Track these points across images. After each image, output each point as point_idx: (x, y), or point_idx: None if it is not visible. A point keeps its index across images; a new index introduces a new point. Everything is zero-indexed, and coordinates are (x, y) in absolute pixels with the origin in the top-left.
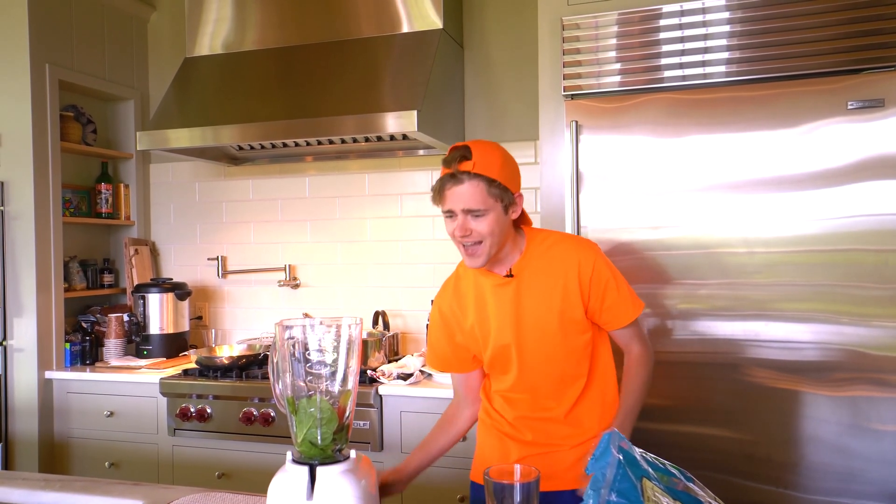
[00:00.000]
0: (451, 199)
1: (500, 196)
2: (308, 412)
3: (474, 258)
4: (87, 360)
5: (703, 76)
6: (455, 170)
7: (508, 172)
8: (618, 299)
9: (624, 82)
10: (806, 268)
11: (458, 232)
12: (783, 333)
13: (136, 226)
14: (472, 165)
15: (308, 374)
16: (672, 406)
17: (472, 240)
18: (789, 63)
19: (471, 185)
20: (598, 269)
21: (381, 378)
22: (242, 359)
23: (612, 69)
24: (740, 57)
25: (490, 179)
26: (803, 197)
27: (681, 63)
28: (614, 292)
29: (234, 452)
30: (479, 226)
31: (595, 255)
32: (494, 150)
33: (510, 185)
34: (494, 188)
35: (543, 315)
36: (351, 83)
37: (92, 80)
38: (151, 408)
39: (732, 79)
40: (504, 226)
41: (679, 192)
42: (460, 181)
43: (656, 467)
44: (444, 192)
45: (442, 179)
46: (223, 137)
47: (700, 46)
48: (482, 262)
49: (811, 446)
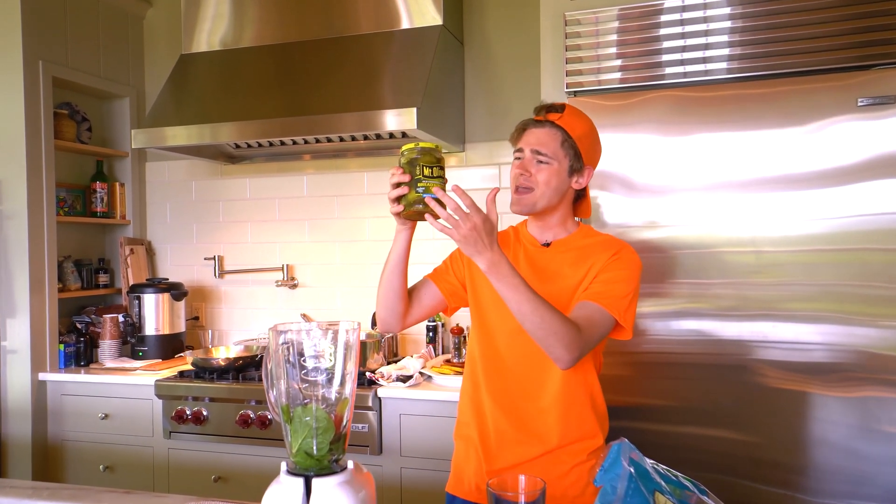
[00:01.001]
0: (526, 139)
1: (571, 156)
2: (303, 421)
3: (520, 203)
4: (81, 362)
5: (709, 72)
6: (543, 116)
7: (589, 142)
8: (612, 282)
9: (628, 79)
10: (814, 267)
11: (518, 170)
12: (791, 334)
13: (131, 225)
14: (559, 118)
15: (303, 382)
16: (677, 407)
17: (525, 182)
18: (797, 59)
19: (549, 132)
20: (619, 258)
21: (380, 380)
22: (239, 360)
23: (615, 65)
24: (746, 53)
25: (568, 135)
26: (812, 196)
27: (686, 59)
28: (614, 279)
29: (231, 456)
30: (539, 172)
31: (633, 255)
32: (585, 119)
33: (586, 153)
34: (569, 145)
35: (558, 294)
36: (350, 80)
37: (86, 78)
38: (147, 410)
39: (738, 75)
40: (562, 185)
41: (685, 190)
42: (542, 125)
43: (669, 479)
44: (524, 132)
45: (526, 121)
46: (220, 135)
47: (704, 42)
48: (526, 208)
49: (820, 448)
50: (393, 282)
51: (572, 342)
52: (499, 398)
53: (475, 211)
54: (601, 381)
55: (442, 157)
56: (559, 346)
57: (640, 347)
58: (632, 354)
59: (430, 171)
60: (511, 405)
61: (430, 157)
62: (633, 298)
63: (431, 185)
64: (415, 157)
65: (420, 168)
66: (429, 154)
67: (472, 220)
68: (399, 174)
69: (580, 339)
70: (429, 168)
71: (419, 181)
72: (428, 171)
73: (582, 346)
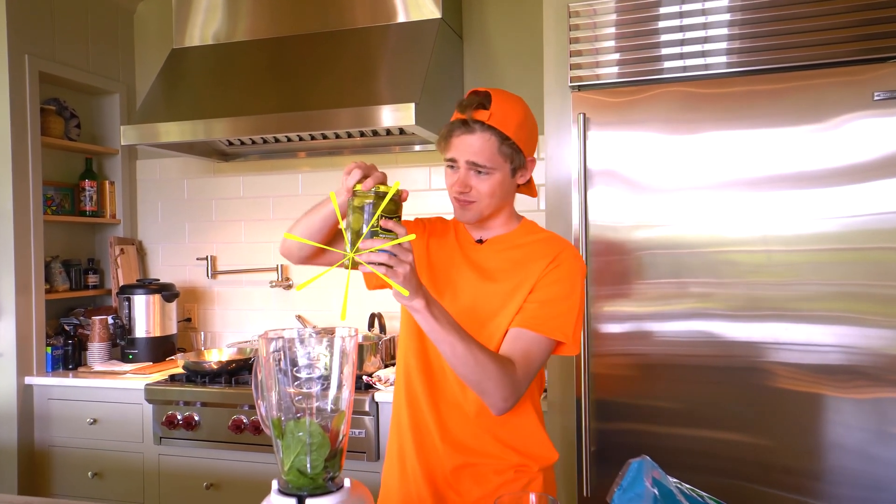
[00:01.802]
0: (458, 148)
1: (511, 156)
2: (296, 436)
3: (466, 211)
4: (69, 365)
5: (716, 65)
6: (469, 117)
7: (526, 132)
8: (550, 301)
9: (634, 72)
10: (828, 267)
11: (457, 187)
12: (804, 336)
13: (121, 224)
14: (489, 116)
15: (297, 393)
16: (685, 409)
17: (469, 198)
18: (808, 52)
19: (482, 138)
20: (559, 266)
21: (378, 384)
22: (232, 363)
23: (621, 59)
24: (756, 46)
25: (504, 136)
26: (825, 194)
27: (694, 52)
28: (548, 294)
29: (223, 462)
30: (480, 184)
31: (576, 260)
32: (516, 104)
33: (525, 146)
34: (507, 146)
35: (490, 296)
36: (346, 75)
37: (75, 73)
38: (137, 415)
39: (748, 69)
40: (507, 189)
41: (692, 189)
42: (471, 130)
43: (694, 500)
44: (452, 139)
45: (452, 124)
46: (213, 131)
47: (713, 34)
48: (473, 217)
49: (834, 452)
50: (313, 229)
51: (507, 387)
52: (426, 402)
53: (406, 251)
54: (606, 382)
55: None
56: (495, 394)
57: (647, 348)
58: (638, 356)
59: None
60: (437, 410)
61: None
62: (577, 313)
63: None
64: (370, 202)
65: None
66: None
67: (407, 258)
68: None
69: (516, 383)
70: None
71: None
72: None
73: (519, 390)
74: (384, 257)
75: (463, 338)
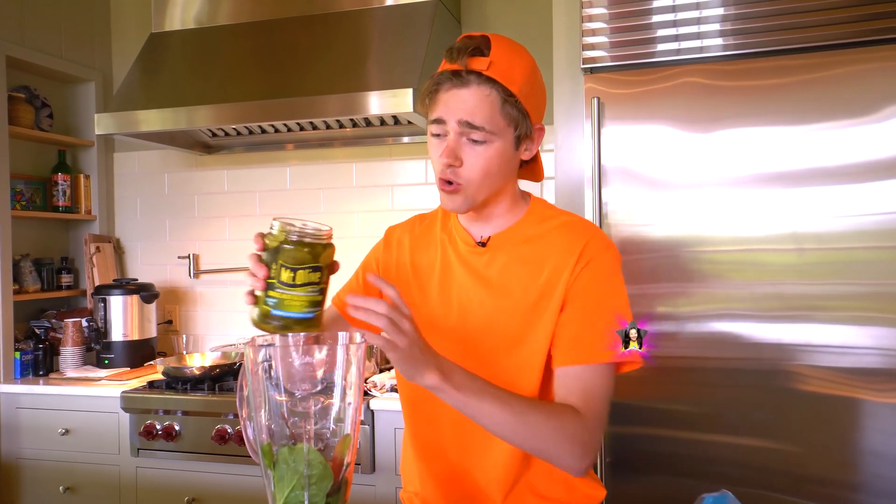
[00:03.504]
0: (447, 105)
1: (516, 119)
2: (291, 466)
3: (451, 202)
4: (39, 371)
5: (749, 45)
6: (463, 65)
7: (535, 90)
8: (581, 323)
9: (657, 52)
10: (864, 266)
11: (445, 155)
12: (838, 337)
13: (97, 221)
14: (488, 65)
15: (292, 414)
16: (708, 413)
17: (458, 178)
18: (846, 29)
19: (478, 93)
20: (591, 271)
21: (373, 390)
22: (216, 368)
23: (642, 37)
24: (795, 23)
25: (507, 91)
26: (862, 189)
27: (714, 31)
28: (586, 310)
29: (206, 475)
30: (473, 157)
31: (604, 251)
32: (522, 53)
33: (533, 109)
34: (510, 106)
35: (509, 314)
36: (335, 61)
37: (46, 59)
38: (112, 425)
39: (777, 48)
40: (508, 165)
41: (718, 183)
42: (465, 83)
43: None
44: (439, 94)
45: (440, 76)
46: (195, 119)
47: (739, 12)
48: (462, 205)
49: (871, 461)
50: None
51: (578, 445)
52: (430, 458)
53: (404, 314)
54: (622, 384)
55: (329, 250)
56: (565, 457)
57: (669, 350)
58: (659, 358)
59: (305, 274)
60: (446, 468)
61: (301, 253)
62: (616, 311)
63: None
64: (283, 247)
65: (284, 269)
66: (303, 248)
67: (405, 326)
68: (255, 264)
69: (588, 435)
70: (300, 270)
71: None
72: (303, 274)
73: (595, 442)
74: (383, 321)
75: (503, 402)
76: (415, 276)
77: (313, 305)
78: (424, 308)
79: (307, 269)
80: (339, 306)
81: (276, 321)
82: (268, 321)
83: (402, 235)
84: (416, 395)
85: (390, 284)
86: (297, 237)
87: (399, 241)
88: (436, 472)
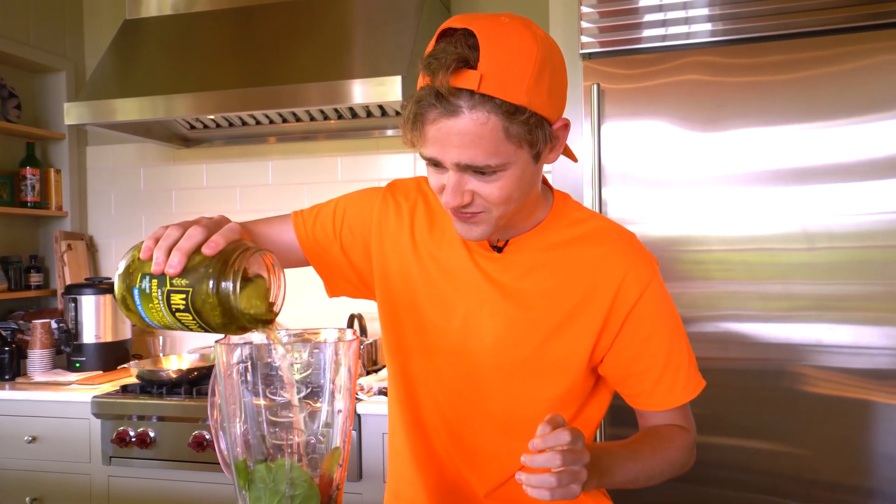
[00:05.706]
0: (437, 143)
1: (530, 136)
2: (270, 486)
3: (471, 228)
4: (5, 376)
5: (757, 29)
6: (445, 85)
7: (547, 83)
8: (664, 366)
9: (661, 36)
10: (879, 265)
11: (451, 199)
12: (850, 337)
13: (69, 217)
14: (479, 81)
15: (271, 423)
16: (713, 415)
17: (473, 209)
18: (861, 11)
19: (473, 122)
20: (648, 303)
21: (360, 394)
22: (193, 372)
23: (646, 20)
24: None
25: (511, 109)
26: (877, 186)
27: (727, 15)
28: (662, 351)
29: (183, 483)
30: (485, 190)
31: (653, 275)
32: (522, 39)
33: (549, 107)
34: (518, 124)
35: (527, 331)
36: (319, 48)
37: (13, 46)
38: (83, 431)
39: (787, 32)
40: (531, 182)
41: (725, 181)
42: (454, 111)
43: None
44: (425, 126)
45: (420, 100)
46: (173, 109)
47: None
48: (483, 234)
49: (884, 465)
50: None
51: (693, 455)
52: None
53: (577, 452)
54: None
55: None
56: (685, 468)
57: None
58: None
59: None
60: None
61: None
62: (684, 339)
63: (175, 326)
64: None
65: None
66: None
67: (583, 476)
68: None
69: (692, 441)
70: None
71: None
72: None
73: (694, 441)
74: (552, 480)
75: (647, 461)
76: (416, 259)
77: (166, 327)
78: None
79: (201, 325)
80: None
81: (129, 311)
82: (124, 304)
83: (413, 202)
84: (409, 400)
85: (568, 429)
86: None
87: (410, 209)
88: (430, 477)
